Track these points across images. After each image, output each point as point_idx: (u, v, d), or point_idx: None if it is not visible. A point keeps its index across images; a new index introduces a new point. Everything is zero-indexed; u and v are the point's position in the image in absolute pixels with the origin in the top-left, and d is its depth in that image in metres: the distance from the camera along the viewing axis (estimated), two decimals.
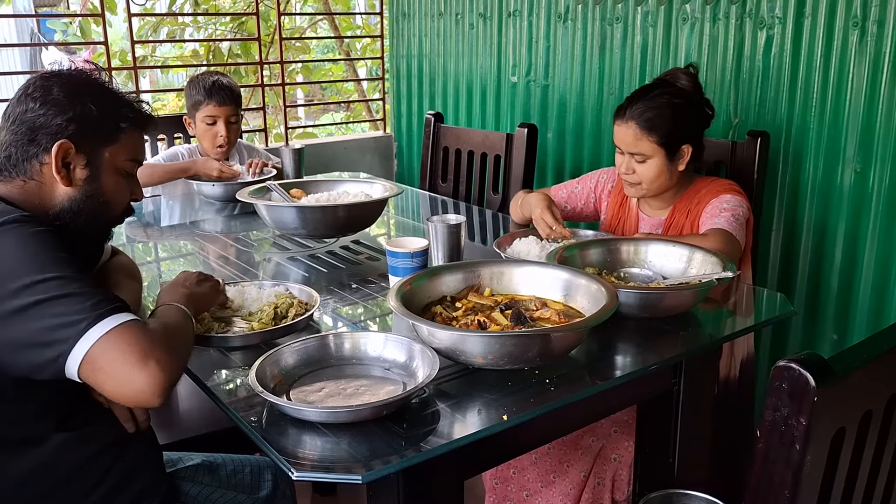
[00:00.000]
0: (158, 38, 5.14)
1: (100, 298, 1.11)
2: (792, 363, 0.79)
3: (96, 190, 1.30)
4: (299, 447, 1.12)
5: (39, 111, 1.25)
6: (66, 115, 1.25)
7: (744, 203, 1.92)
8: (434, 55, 3.67)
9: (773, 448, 0.82)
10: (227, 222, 2.48)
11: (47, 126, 1.25)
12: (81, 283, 1.12)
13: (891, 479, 1.02)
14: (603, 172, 2.22)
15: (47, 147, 1.24)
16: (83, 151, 1.27)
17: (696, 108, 1.96)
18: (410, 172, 3.96)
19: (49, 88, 1.26)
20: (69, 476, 1.23)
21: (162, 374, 1.08)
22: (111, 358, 1.08)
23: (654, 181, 1.94)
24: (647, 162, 1.92)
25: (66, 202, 1.28)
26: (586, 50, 2.90)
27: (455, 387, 1.29)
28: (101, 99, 1.30)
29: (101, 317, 1.08)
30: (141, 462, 1.33)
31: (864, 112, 2.13)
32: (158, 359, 1.09)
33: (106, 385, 1.09)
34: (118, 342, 1.08)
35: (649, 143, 1.90)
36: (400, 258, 1.66)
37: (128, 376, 1.08)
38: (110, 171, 1.31)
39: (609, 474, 1.86)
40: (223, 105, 2.68)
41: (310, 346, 1.35)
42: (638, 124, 1.91)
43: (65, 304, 1.09)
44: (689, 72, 1.98)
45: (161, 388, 1.09)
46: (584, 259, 1.71)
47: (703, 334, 1.59)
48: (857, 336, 2.26)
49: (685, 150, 1.92)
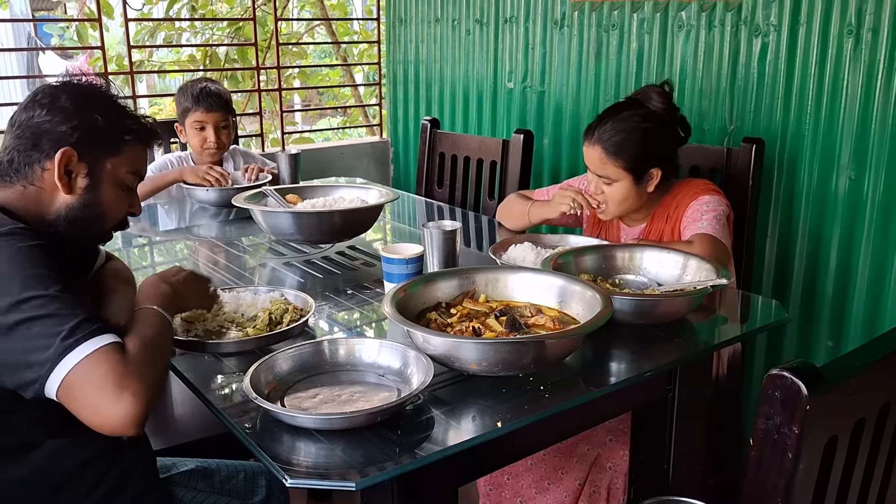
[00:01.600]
0: (155, 43, 5.14)
1: (80, 319, 1.10)
2: (784, 371, 0.79)
3: (94, 200, 1.30)
4: (293, 454, 1.12)
5: (46, 117, 1.25)
6: (71, 122, 1.26)
7: (722, 201, 1.92)
8: (431, 61, 3.68)
9: (766, 456, 0.83)
10: (222, 227, 2.48)
11: (52, 132, 1.25)
12: (63, 302, 1.11)
13: (883, 487, 1.03)
14: (583, 179, 2.21)
15: (50, 153, 1.25)
16: (86, 160, 1.27)
17: (668, 129, 1.95)
18: (407, 178, 3.97)
19: (57, 96, 1.27)
20: (62, 482, 1.23)
21: (136, 406, 1.07)
22: (86, 386, 1.07)
23: (621, 204, 1.95)
24: (614, 185, 1.93)
25: (62, 210, 1.28)
26: (582, 56, 2.91)
27: (449, 393, 1.29)
28: (108, 110, 1.31)
29: (78, 342, 1.08)
30: (135, 468, 1.33)
31: (858, 119, 2.14)
32: (134, 391, 1.07)
33: (81, 413, 1.09)
34: (94, 370, 1.07)
35: (615, 168, 1.91)
36: (395, 264, 1.66)
37: (102, 407, 1.07)
38: (110, 183, 1.32)
39: (604, 483, 1.86)
40: (211, 111, 2.69)
41: (304, 352, 1.35)
42: (604, 148, 1.91)
43: (44, 324, 1.08)
44: (663, 90, 1.96)
45: (135, 421, 1.07)
46: (579, 266, 1.71)
47: (698, 341, 1.59)
48: (852, 342, 2.26)
49: (654, 173, 1.92)
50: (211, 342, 1.42)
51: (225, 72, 4.98)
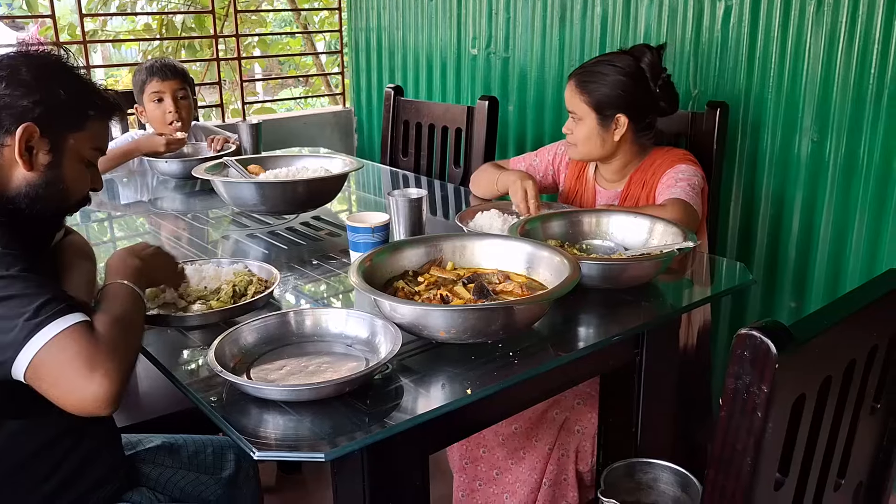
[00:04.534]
0: (109, 12, 5.00)
1: (45, 299, 1.07)
2: (753, 331, 0.79)
3: (57, 176, 1.25)
4: (261, 426, 1.10)
5: (5, 91, 1.20)
6: (32, 97, 1.20)
7: (699, 172, 1.93)
8: (393, 28, 3.63)
9: (736, 416, 0.83)
10: (184, 200, 2.43)
11: (12, 107, 1.20)
12: (26, 282, 1.08)
13: (848, 443, 1.04)
14: (561, 144, 2.21)
15: (10, 129, 1.20)
16: (47, 136, 1.23)
17: (644, 84, 1.94)
18: (371, 147, 3.93)
19: (17, 68, 1.21)
20: (24, 462, 1.20)
21: (109, 385, 1.04)
22: (56, 367, 1.04)
23: (585, 143, 1.98)
24: (580, 123, 1.97)
25: (23, 187, 1.23)
26: (546, 21, 2.88)
27: (418, 362, 1.28)
28: (70, 84, 1.26)
29: (45, 322, 1.05)
30: (99, 447, 1.30)
31: (820, 82, 2.15)
32: (106, 370, 1.04)
33: (51, 394, 1.06)
34: (63, 350, 1.04)
35: (580, 103, 1.95)
36: (361, 233, 1.64)
37: (74, 387, 1.04)
38: (73, 159, 1.27)
39: (573, 446, 1.87)
40: (166, 80, 2.63)
41: (270, 323, 1.33)
42: (575, 82, 1.97)
43: (7, 306, 1.05)
44: (654, 50, 1.96)
45: (109, 400, 1.05)
46: (547, 231, 1.71)
47: (665, 304, 1.60)
48: (814, 303, 2.30)
49: (620, 119, 1.92)
50: (174, 315, 1.39)
51: (182, 41, 4.86)
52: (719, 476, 0.86)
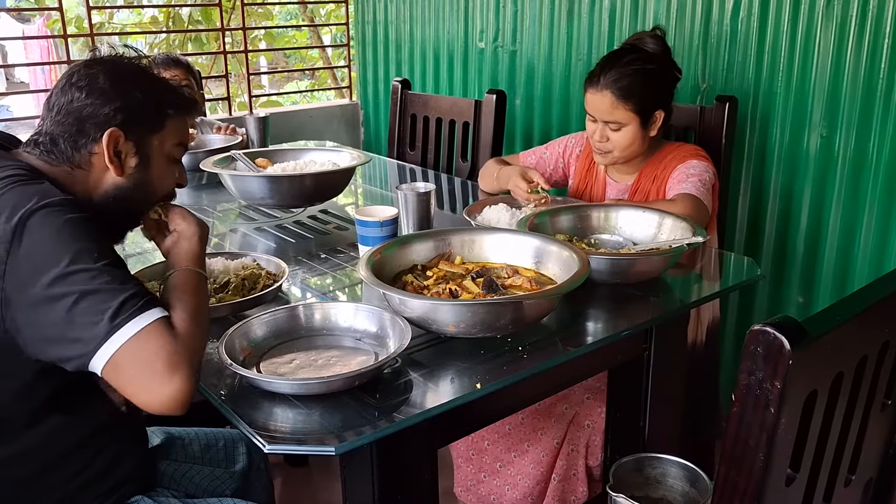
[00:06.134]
0: (116, 4, 5.00)
1: (128, 295, 1.06)
2: (767, 327, 0.79)
3: (145, 177, 1.27)
4: (271, 420, 1.11)
5: (86, 101, 1.21)
6: (113, 103, 1.21)
7: (710, 168, 1.92)
8: (400, 21, 3.62)
9: (748, 411, 0.83)
10: (192, 193, 2.43)
11: (95, 115, 1.21)
12: (111, 276, 1.07)
13: (860, 439, 1.04)
14: (571, 137, 2.20)
15: (96, 137, 1.21)
16: (132, 140, 1.24)
17: (667, 70, 1.95)
18: (378, 141, 3.92)
19: (94, 77, 1.22)
20: (61, 456, 1.20)
21: (186, 386, 1.05)
22: (135, 365, 1.04)
23: (628, 148, 1.93)
24: (622, 130, 1.91)
25: (112, 190, 1.24)
26: (554, 15, 2.87)
27: (427, 356, 1.28)
28: (147, 86, 1.27)
29: (127, 319, 1.04)
30: (129, 445, 1.30)
31: (830, 77, 2.14)
32: (184, 371, 1.05)
33: (128, 390, 1.06)
34: (143, 348, 1.04)
35: (625, 111, 1.88)
36: (369, 227, 1.64)
37: (152, 387, 1.04)
38: (159, 158, 1.28)
39: (583, 441, 1.87)
40: (168, 68, 2.63)
41: (279, 317, 1.33)
42: (613, 92, 1.88)
43: (92, 300, 1.05)
44: (656, 35, 1.96)
45: (184, 400, 1.05)
46: (555, 226, 1.70)
47: (674, 299, 1.60)
48: (822, 299, 2.29)
49: (658, 115, 1.91)
50: None
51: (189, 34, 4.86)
52: (731, 472, 0.86)
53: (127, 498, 1.29)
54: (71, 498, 1.22)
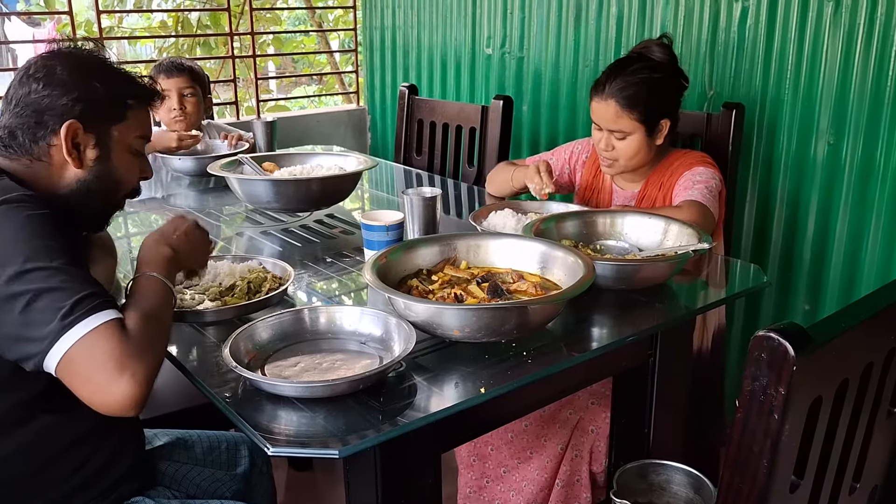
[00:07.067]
0: (125, 8, 5.02)
1: (83, 294, 1.06)
2: (772, 333, 0.79)
3: (107, 169, 1.27)
4: (275, 423, 1.11)
5: (44, 92, 1.21)
6: (71, 94, 1.22)
7: (716, 175, 1.92)
8: (408, 27, 3.63)
9: (752, 417, 0.82)
10: (198, 197, 2.44)
11: (53, 107, 1.21)
12: (68, 274, 1.08)
13: (864, 446, 1.03)
14: (577, 143, 2.21)
15: (55, 128, 1.21)
16: (91, 131, 1.24)
17: (674, 79, 1.95)
18: (384, 146, 3.93)
19: (52, 68, 1.23)
20: (54, 457, 1.20)
21: (136, 387, 1.04)
22: (86, 365, 1.04)
23: (633, 157, 1.93)
24: (627, 139, 1.90)
25: (74, 183, 1.25)
26: (561, 21, 2.88)
27: (432, 360, 1.28)
28: (106, 77, 1.27)
29: (79, 318, 1.05)
30: (124, 445, 1.30)
31: (837, 84, 2.14)
32: (133, 371, 1.04)
33: (80, 391, 1.06)
34: (94, 348, 1.04)
35: (630, 121, 1.88)
36: (375, 231, 1.64)
37: (101, 386, 1.04)
38: (120, 150, 1.28)
39: (587, 446, 1.87)
40: (171, 77, 2.65)
41: (284, 320, 1.33)
42: (618, 102, 1.87)
43: (47, 298, 1.05)
44: (663, 43, 1.96)
45: (135, 401, 1.05)
46: (561, 231, 1.70)
47: (679, 306, 1.60)
48: (828, 306, 2.28)
49: (664, 124, 1.91)
50: (189, 311, 1.39)
51: (197, 38, 4.88)
52: (735, 478, 0.86)
53: (126, 498, 1.29)
54: (67, 497, 1.22)
